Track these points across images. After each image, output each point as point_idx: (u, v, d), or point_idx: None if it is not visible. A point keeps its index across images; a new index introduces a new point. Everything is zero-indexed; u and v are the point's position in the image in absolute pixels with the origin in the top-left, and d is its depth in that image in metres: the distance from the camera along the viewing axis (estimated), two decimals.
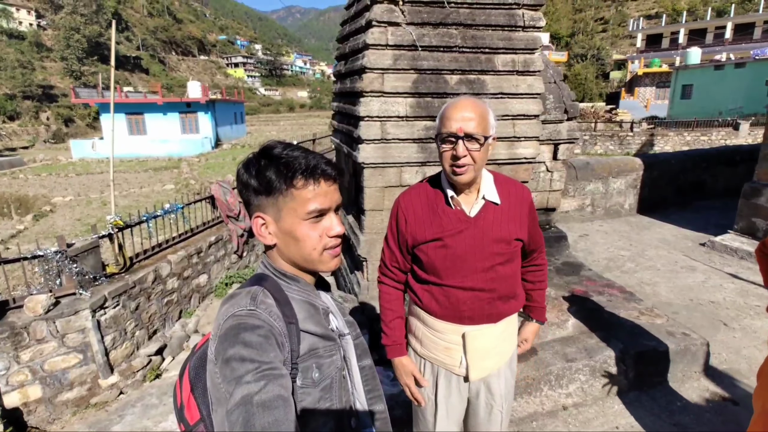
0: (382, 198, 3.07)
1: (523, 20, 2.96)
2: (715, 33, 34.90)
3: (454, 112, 1.22)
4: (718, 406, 2.54)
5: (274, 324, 0.80)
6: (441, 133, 1.25)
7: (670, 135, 19.20)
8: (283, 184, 0.84)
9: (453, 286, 1.34)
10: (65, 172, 18.23)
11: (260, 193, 0.86)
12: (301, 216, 0.86)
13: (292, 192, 0.85)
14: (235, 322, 0.78)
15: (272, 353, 0.75)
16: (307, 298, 0.91)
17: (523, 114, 3.05)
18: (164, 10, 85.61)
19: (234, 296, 0.85)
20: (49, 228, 9.82)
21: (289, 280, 0.91)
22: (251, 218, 0.90)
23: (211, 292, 5.88)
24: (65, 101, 40.81)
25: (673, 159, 7.07)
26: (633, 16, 49.67)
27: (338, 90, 3.80)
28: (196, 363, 0.90)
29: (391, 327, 1.45)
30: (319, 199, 0.87)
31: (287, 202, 0.86)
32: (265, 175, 0.84)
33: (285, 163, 0.85)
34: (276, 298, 0.85)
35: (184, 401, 0.89)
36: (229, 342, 0.75)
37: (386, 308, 1.47)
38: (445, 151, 1.25)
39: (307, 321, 0.87)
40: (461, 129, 1.20)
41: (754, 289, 3.98)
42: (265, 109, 61.34)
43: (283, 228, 0.88)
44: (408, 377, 1.45)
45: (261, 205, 0.87)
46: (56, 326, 3.52)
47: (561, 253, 4.22)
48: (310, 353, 0.86)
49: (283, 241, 0.89)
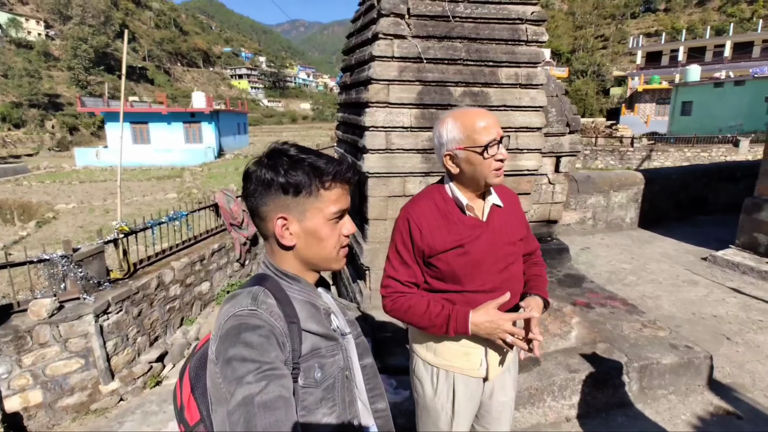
0: (385, 207, 3.10)
1: (526, 35, 3.03)
2: (714, 51, 35.39)
3: (481, 120, 1.29)
4: (722, 420, 2.52)
5: (275, 324, 0.80)
6: (483, 144, 1.27)
7: (671, 151, 19.32)
8: (313, 186, 0.86)
9: (473, 290, 1.35)
10: (69, 179, 18.35)
11: (287, 192, 0.85)
12: (327, 216, 0.88)
13: (321, 193, 0.87)
14: (236, 322, 0.78)
15: (273, 353, 0.75)
16: (308, 298, 0.91)
17: (526, 126, 3.10)
18: (171, 22, 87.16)
19: (235, 296, 0.85)
20: (52, 235, 9.85)
21: (290, 280, 0.91)
22: (265, 220, 0.88)
23: (212, 299, 5.87)
24: (71, 110, 41.28)
25: (674, 174, 7.11)
26: (633, 34, 50.50)
27: (343, 101, 3.87)
28: (197, 363, 0.90)
29: (440, 310, 1.32)
30: (342, 200, 0.90)
31: (314, 203, 0.87)
32: (295, 175, 0.85)
33: (312, 164, 0.86)
34: (277, 297, 0.85)
35: (184, 402, 0.89)
36: (230, 342, 0.75)
37: (423, 304, 1.34)
38: (488, 158, 1.28)
39: (309, 321, 0.87)
40: (499, 132, 1.28)
41: (756, 303, 3.98)
42: (268, 120, 61.94)
43: (307, 228, 0.88)
44: (489, 317, 1.28)
45: (285, 206, 0.86)
46: (59, 330, 3.52)
47: (563, 265, 4.23)
48: (313, 353, 0.86)
49: (305, 241, 0.89)
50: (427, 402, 1.48)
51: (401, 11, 2.87)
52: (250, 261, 6.87)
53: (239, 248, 6.42)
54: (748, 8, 45.79)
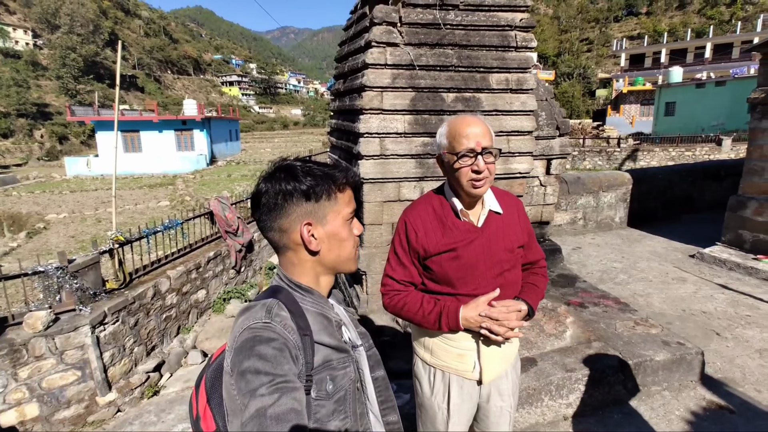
0: (381, 212, 3.14)
1: (515, 41, 3.11)
2: (695, 53, 36.15)
3: (466, 128, 1.29)
4: (715, 414, 2.58)
5: (288, 337, 0.81)
6: (458, 151, 1.29)
7: (656, 150, 19.66)
8: (331, 189, 0.91)
9: (466, 294, 1.39)
10: (59, 189, 18.15)
11: (309, 198, 0.89)
12: (345, 217, 0.94)
13: (337, 196, 0.93)
14: (250, 335, 0.79)
15: (286, 366, 0.76)
16: (321, 310, 0.92)
17: (517, 130, 3.17)
18: (161, 31, 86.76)
19: (249, 308, 0.87)
20: (43, 245, 9.73)
21: (303, 292, 0.92)
22: (287, 231, 0.89)
23: (209, 307, 5.85)
24: (60, 119, 40.83)
25: (660, 173, 7.26)
26: (616, 37, 51.39)
27: (336, 108, 3.91)
28: (213, 374, 0.91)
29: (433, 307, 1.36)
30: (353, 202, 0.97)
31: (333, 206, 0.92)
32: (313, 181, 0.90)
33: (324, 171, 0.92)
34: (291, 310, 0.86)
35: (200, 412, 0.90)
36: (245, 354, 0.77)
37: (417, 301, 1.39)
38: (463, 167, 1.29)
39: (322, 333, 0.88)
40: (479, 144, 1.27)
41: (743, 299, 4.08)
42: (259, 127, 61.73)
43: (329, 231, 0.92)
44: (479, 311, 1.32)
45: (308, 212, 0.90)
46: (55, 343, 3.49)
47: (556, 266, 4.30)
48: (325, 365, 0.87)
49: (328, 245, 0.93)
50: (424, 401, 1.52)
51: (393, 19, 2.93)
52: (245, 268, 6.86)
53: (235, 255, 6.41)
54: (727, 11, 46.86)
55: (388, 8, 2.92)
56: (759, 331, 3.47)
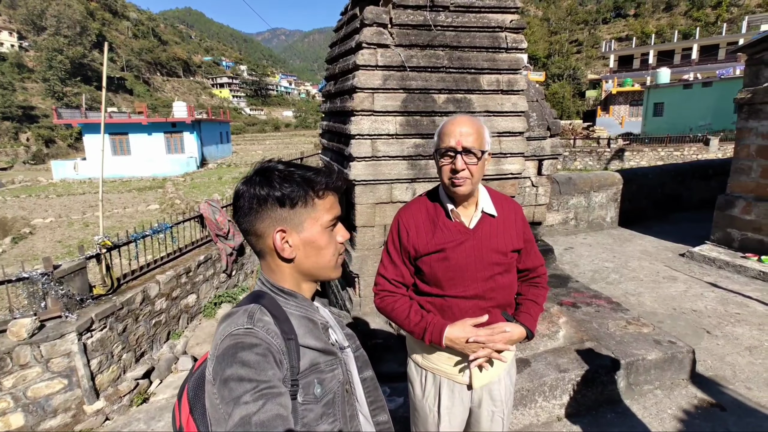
0: (373, 214, 3.12)
1: (506, 42, 3.11)
2: (682, 54, 36.75)
3: (452, 128, 1.30)
4: (706, 412, 2.60)
5: (272, 342, 0.79)
6: (440, 148, 1.31)
7: (645, 150, 19.92)
8: (308, 196, 0.88)
9: (455, 296, 1.38)
10: (46, 193, 17.85)
11: (283, 205, 0.87)
12: (324, 225, 0.90)
13: (315, 202, 0.89)
14: (232, 342, 0.77)
15: (270, 371, 0.75)
16: (305, 314, 0.91)
17: (509, 131, 3.17)
18: (149, 32, 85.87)
19: (231, 315, 0.85)
20: (29, 251, 9.55)
21: (286, 296, 0.91)
22: (262, 236, 0.88)
23: (199, 312, 5.78)
24: (46, 122, 40.21)
25: (650, 173, 7.34)
26: (605, 39, 52.07)
27: (327, 109, 3.89)
28: (195, 384, 0.89)
29: (419, 320, 1.37)
30: (335, 208, 0.93)
31: (310, 213, 0.89)
32: (290, 187, 0.87)
33: (303, 176, 0.89)
34: (274, 314, 0.84)
35: (183, 423, 0.87)
36: (227, 362, 0.75)
37: (405, 310, 1.39)
38: (444, 165, 1.31)
39: (307, 336, 0.87)
40: (459, 143, 1.27)
41: (733, 297, 4.13)
42: (250, 129, 61.41)
43: (306, 238, 0.89)
44: (465, 333, 1.31)
45: (282, 219, 0.88)
46: (41, 351, 3.41)
47: (548, 266, 4.31)
48: (311, 369, 0.85)
49: (304, 252, 0.90)
50: (416, 403, 1.52)
51: (384, 21, 2.91)
52: (236, 272, 6.79)
53: (226, 259, 6.34)
54: (713, 13, 47.70)
55: (379, 9, 2.91)
56: (748, 329, 3.52)
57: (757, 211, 4.79)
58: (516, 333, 1.36)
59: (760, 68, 4.75)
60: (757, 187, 4.81)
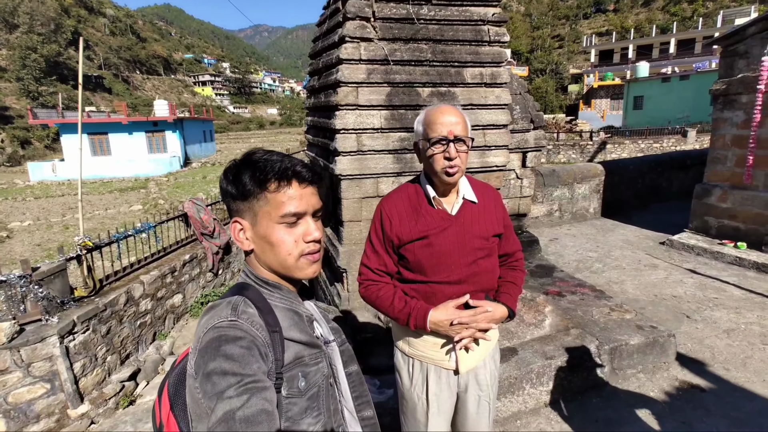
0: (359, 209, 3.12)
1: (488, 35, 3.13)
2: (661, 48, 37.49)
3: (440, 116, 1.30)
4: (687, 393, 2.68)
5: (256, 334, 0.77)
6: (431, 138, 1.31)
7: (626, 143, 20.32)
8: (257, 188, 0.83)
9: (439, 281, 1.39)
10: (22, 195, 17.31)
11: (237, 198, 0.86)
12: (275, 220, 0.84)
13: (266, 195, 0.84)
14: (215, 334, 0.75)
15: (255, 365, 0.73)
16: (290, 306, 0.89)
17: (493, 124, 3.20)
18: (127, 29, 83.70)
19: (214, 307, 0.83)
20: (6, 254, 9.26)
21: (271, 288, 0.89)
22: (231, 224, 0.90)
23: (186, 312, 5.70)
24: (21, 122, 38.87)
25: (631, 165, 7.50)
26: (586, 34, 52.79)
27: (312, 104, 3.86)
28: (176, 379, 0.87)
29: (403, 306, 1.38)
30: (293, 202, 0.84)
31: (262, 206, 0.84)
32: (241, 179, 0.84)
33: (260, 167, 0.84)
34: (258, 306, 0.83)
35: (163, 420, 0.86)
36: (210, 355, 0.72)
37: (389, 298, 1.40)
38: (436, 153, 1.31)
39: (292, 329, 0.85)
40: (451, 132, 1.29)
41: (711, 282, 4.26)
42: (234, 127, 60.50)
43: (259, 233, 0.86)
44: (448, 315, 1.33)
45: (239, 210, 0.87)
46: (21, 355, 3.32)
47: (534, 257, 4.38)
48: (296, 362, 0.84)
49: (260, 246, 0.87)
50: (404, 392, 1.53)
51: (366, 14, 2.90)
52: (223, 270, 6.71)
53: (211, 258, 6.26)
54: (689, 7, 48.77)
55: (362, 3, 2.89)
56: (726, 313, 3.63)
57: (732, 199, 4.94)
58: (498, 312, 1.39)
59: (734, 60, 4.88)
60: (732, 175, 4.96)
